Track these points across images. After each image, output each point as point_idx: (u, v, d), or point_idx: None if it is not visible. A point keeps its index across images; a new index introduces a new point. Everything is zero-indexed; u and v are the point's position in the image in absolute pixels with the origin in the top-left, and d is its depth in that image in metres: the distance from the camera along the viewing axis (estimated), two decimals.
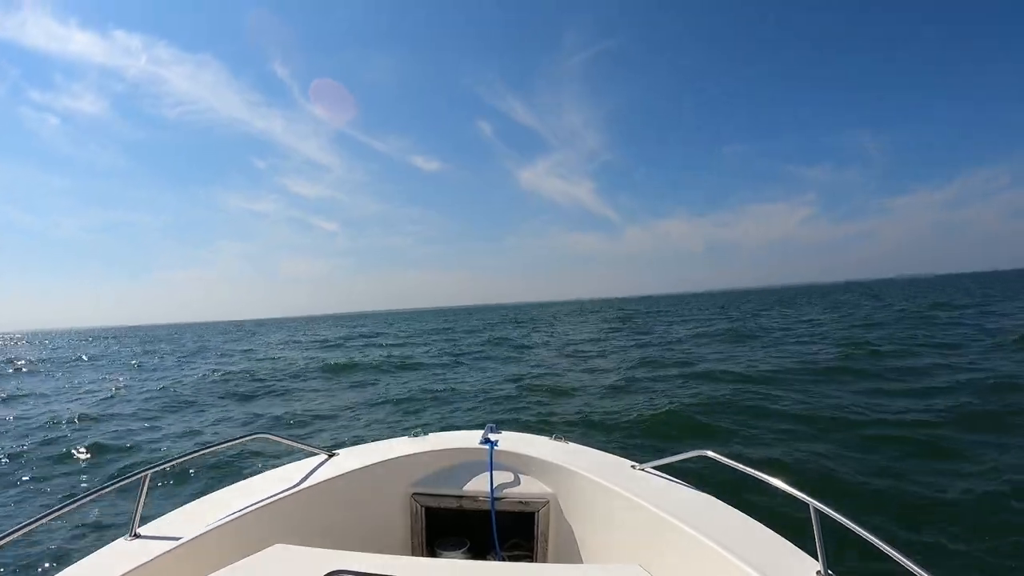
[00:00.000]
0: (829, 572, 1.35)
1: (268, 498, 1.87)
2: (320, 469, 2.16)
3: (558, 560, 2.14)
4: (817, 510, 1.40)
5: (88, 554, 1.54)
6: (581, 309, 73.42)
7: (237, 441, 2.12)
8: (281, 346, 27.96)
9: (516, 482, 2.21)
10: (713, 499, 1.85)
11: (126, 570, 1.42)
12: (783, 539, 1.55)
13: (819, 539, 1.37)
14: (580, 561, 2.04)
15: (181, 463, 1.89)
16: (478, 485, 2.18)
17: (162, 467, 1.84)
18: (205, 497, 1.91)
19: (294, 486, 1.98)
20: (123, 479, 1.68)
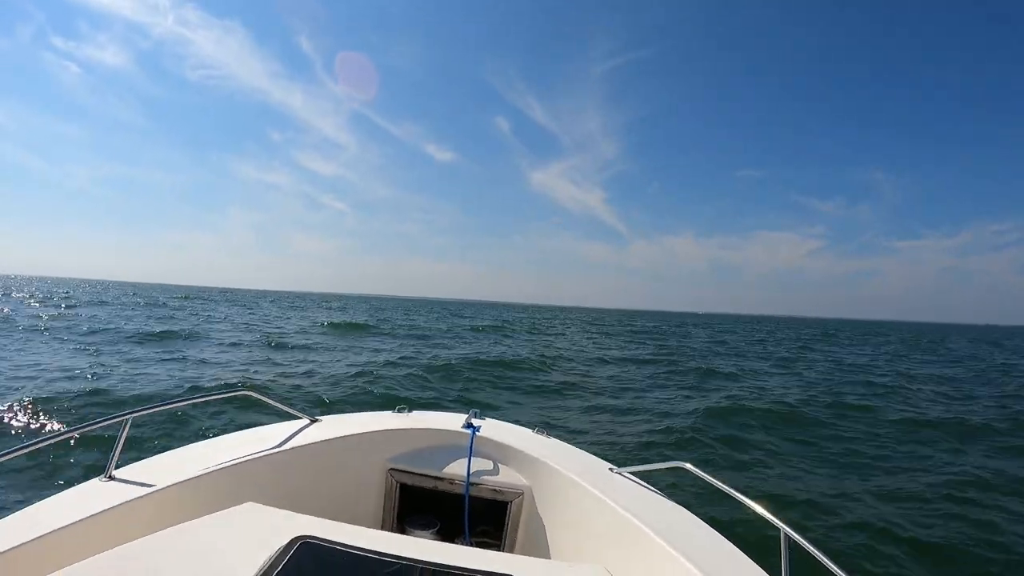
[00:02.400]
0: None
1: (245, 456, 1.86)
2: (301, 433, 2.16)
3: (525, 552, 2.13)
4: (787, 536, 1.40)
5: (62, 491, 1.55)
6: (595, 320, 70.41)
7: (222, 396, 2.10)
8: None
9: (493, 470, 2.22)
10: (686, 511, 1.86)
11: (96, 510, 1.44)
12: (750, 560, 1.55)
13: (785, 565, 1.36)
14: (547, 555, 2.04)
15: (164, 410, 1.86)
16: (455, 468, 2.19)
17: (144, 412, 1.84)
18: (183, 447, 1.92)
19: (273, 447, 1.98)
20: (104, 420, 1.68)
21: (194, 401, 2.27)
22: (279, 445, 2.00)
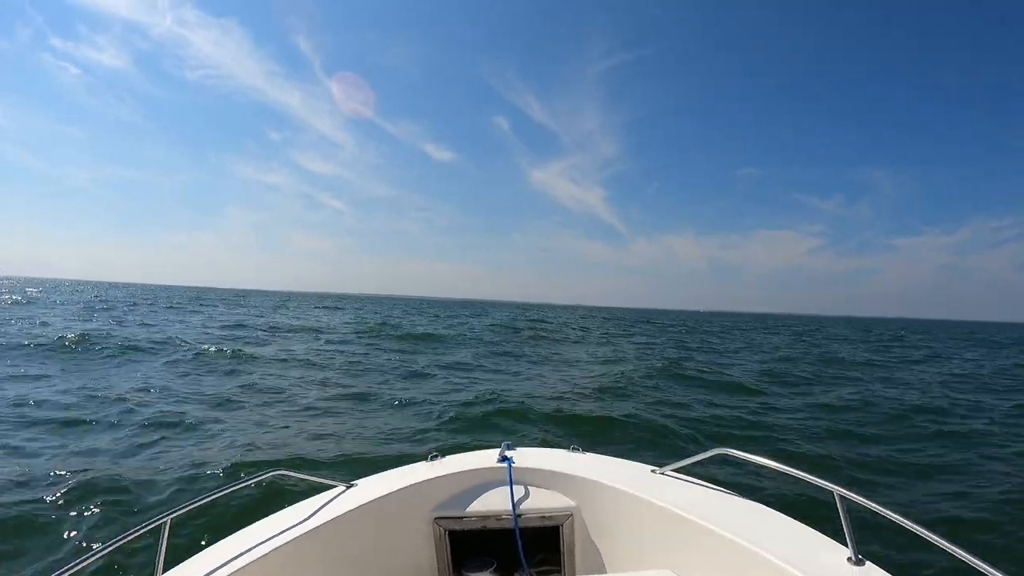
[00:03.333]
0: (859, 556, 1.36)
1: (290, 535, 1.83)
2: (339, 501, 2.11)
3: (587, 571, 2.13)
4: (841, 496, 1.41)
5: None
6: (619, 320, 61.33)
7: (254, 480, 2.04)
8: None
9: (537, 497, 2.20)
10: (735, 496, 1.85)
11: None
12: (810, 528, 1.56)
13: (846, 525, 1.38)
14: (610, 571, 2.03)
15: (200, 506, 1.85)
16: (499, 503, 2.17)
17: (181, 511, 1.77)
18: (226, 539, 1.87)
19: (315, 520, 1.94)
20: (143, 527, 1.62)
21: (230, 490, 2.06)
22: (321, 517, 1.97)
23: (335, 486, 2.24)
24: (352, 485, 2.26)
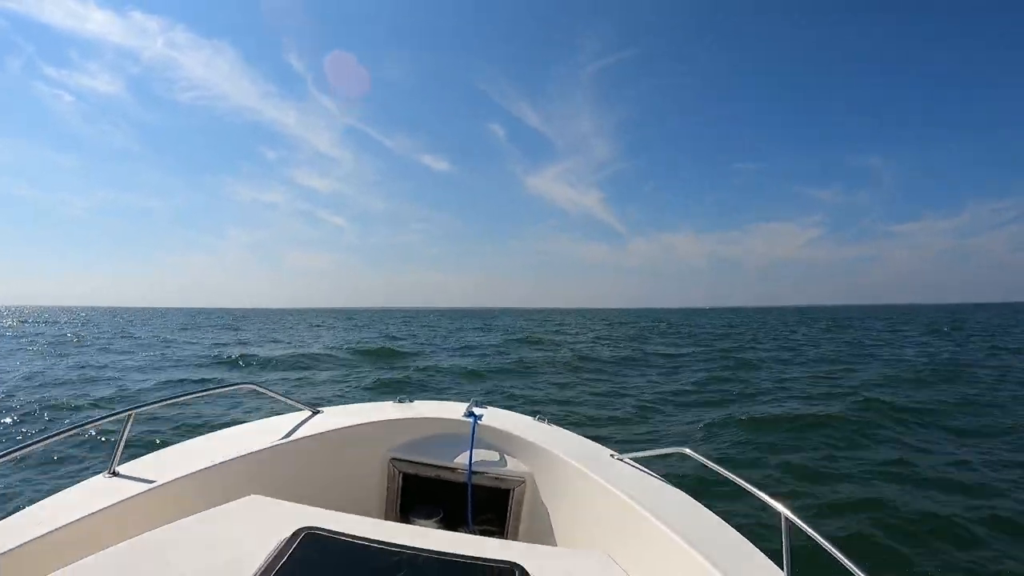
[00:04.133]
0: None
1: (248, 448, 1.88)
2: (303, 425, 2.18)
3: (528, 539, 2.13)
4: (788, 520, 1.41)
5: (66, 488, 1.54)
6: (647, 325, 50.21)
7: (225, 389, 2.20)
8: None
9: (495, 458, 2.22)
10: (686, 496, 1.85)
11: (102, 506, 1.45)
12: (751, 545, 1.55)
13: (786, 549, 1.37)
14: (550, 542, 2.04)
15: (167, 406, 2.02)
16: (457, 457, 2.18)
17: (147, 407, 1.83)
18: (186, 442, 1.91)
19: (276, 439, 1.99)
20: (107, 416, 1.71)
21: (198, 395, 2.03)
22: (282, 437, 2.02)
23: (301, 409, 2.33)
24: (318, 411, 2.34)
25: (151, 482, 1.60)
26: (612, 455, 2.18)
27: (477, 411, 2.42)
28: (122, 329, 32.66)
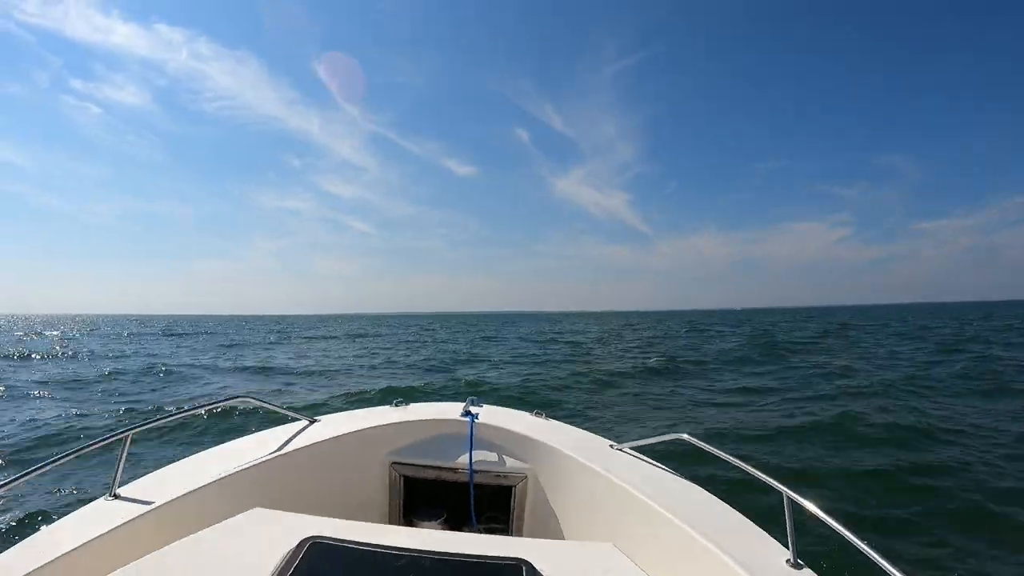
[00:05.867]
0: (798, 561, 1.36)
1: (247, 462, 1.88)
2: (301, 434, 2.16)
3: (534, 534, 2.13)
4: (790, 499, 1.43)
5: (67, 513, 1.55)
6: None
7: (220, 403, 2.13)
8: None
9: (495, 456, 2.21)
10: (688, 482, 1.86)
11: (105, 530, 1.44)
12: (755, 525, 1.57)
13: (790, 527, 1.39)
14: (556, 536, 2.04)
15: (163, 424, 1.94)
16: (457, 457, 2.18)
17: (144, 428, 1.85)
18: (185, 459, 1.91)
19: (274, 451, 1.99)
20: (105, 439, 1.69)
21: (193, 412, 2.06)
22: (281, 448, 2.03)
23: (298, 419, 2.32)
24: (315, 420, 2.33)
25: (153, 503, 1.58)
26: (612, 445, 2.20)
27: (474, 410, 2.42)
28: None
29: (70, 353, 20.22)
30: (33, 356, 18.59)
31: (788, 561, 1.37)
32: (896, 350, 17.88)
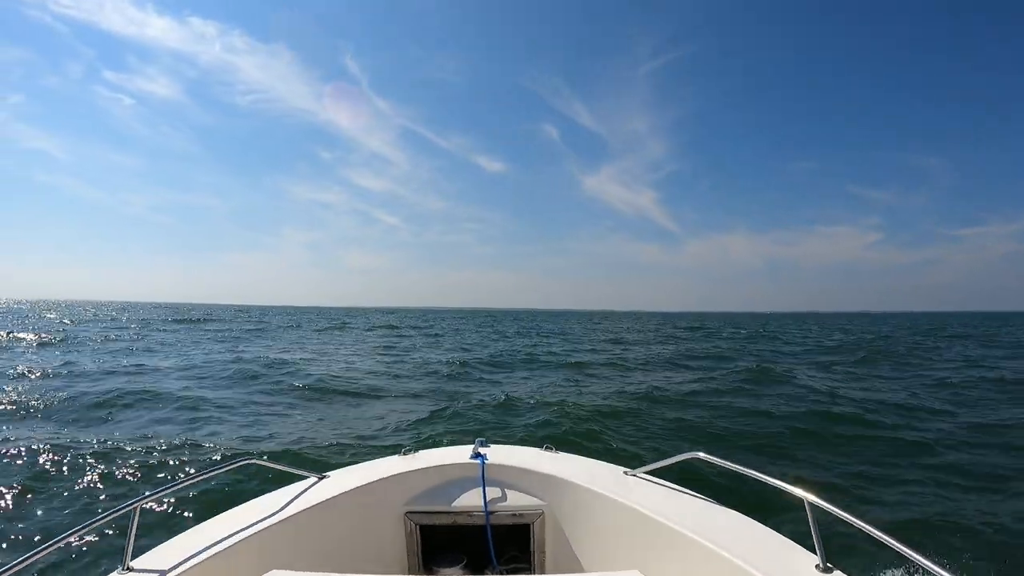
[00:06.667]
0: (828, 565, 1.35)
1: (260, 524, 1.84)
2: (311, 492, 2.13)
3: (556, 570, 2.13)
4: (812, 504, 1.43)
5: None
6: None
7: (226, 469, 2.08)
8: None
9: (509, 495, 2.20)
10: (707, 501, 1.85)
11: None
12: (779, 535, 1.56)
13: (815, 533, 1.38)
14: (578, 569, 2.03)
15: (171, 493, 1.90)
16: (471, 500, 2.17)
17: (152, 498, 1.83)
18: (197, 527, 1.88)
19: (286, 510, 1.95)
20: (113, 512, 1.66)
21: (202, 478, 1.98)
22: (292, 507, 1.99)
23: (307, 476, 2.28)
24: (325, 476, 2.29)
25: (167, 573, 1.54)
26: (625, 472, 2.19)
27: (483, 451, 2.40)
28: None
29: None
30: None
31: (817, 566, 1.36)
32: None
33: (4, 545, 4.17)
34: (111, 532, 4.07)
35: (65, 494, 4.99)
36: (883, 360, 18.00)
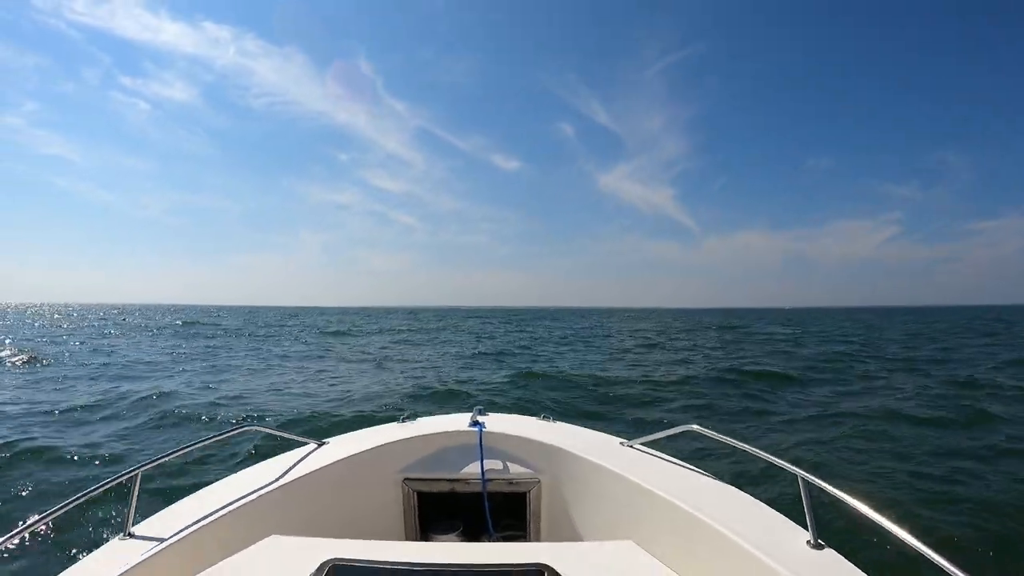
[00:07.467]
0: (819, 541, 1.36)
1: (260, 490, 1.86)
2: (310, 458, 2.15)
3: (552, 539, 2.14)
4: (804, 480, 1.43)
5: (82, 556, 1.54)
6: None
7: (226, 435, 2.09)
8: None
9: (506, 463, 2.21)
10: (703, 473, 1.86)
11: (122, 570, 1.41)
12: (772, 510, 1.57)
13: (808, 509, 1.40)
14: (574, 538, 2.03)
15: (171, 459, 1.88)
16: (469, 468, 2.18)
17: (153, 464, 1.83)
18: (197, 492, 1.89)
19: (285, 477, 1.97)
20: (114, 478, 1.68)
21: (200, 444, 2.01)
22: (291, 473, 2.01)
23: (306, 443, 2.30)
24: (324, 443, 2.31)
25: (168, 539, 1.56)
26: (622, 443, 2.19)
27: (481, 419, 2.41)
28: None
29: None
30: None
31: (808, 542, 1.37)
32: None
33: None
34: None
35: None
36: None
